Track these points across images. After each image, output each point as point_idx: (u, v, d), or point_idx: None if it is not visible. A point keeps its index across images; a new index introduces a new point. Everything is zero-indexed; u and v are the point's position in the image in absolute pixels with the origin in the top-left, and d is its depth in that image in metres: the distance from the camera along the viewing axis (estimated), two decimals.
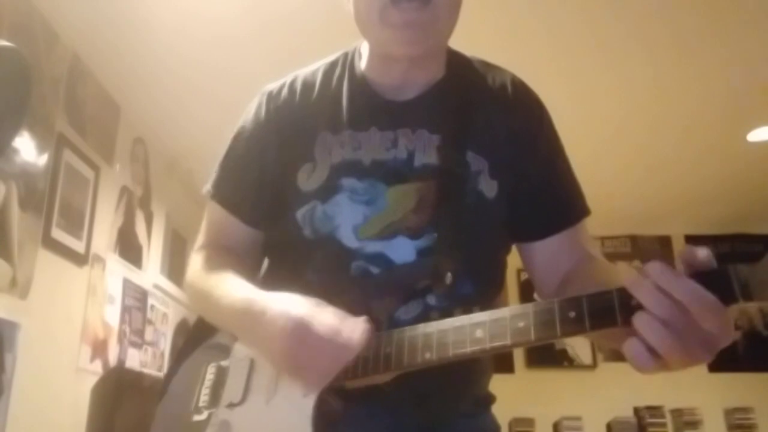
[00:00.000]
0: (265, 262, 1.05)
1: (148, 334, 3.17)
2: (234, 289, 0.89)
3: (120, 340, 2.83)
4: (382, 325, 0.80)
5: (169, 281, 3.57)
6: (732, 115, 3.20)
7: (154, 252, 3.32)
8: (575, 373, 4.48)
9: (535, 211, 0.92)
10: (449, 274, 0.83)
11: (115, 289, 2.82)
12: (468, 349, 0.71)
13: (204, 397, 0.91)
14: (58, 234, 2.32)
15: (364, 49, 0.98)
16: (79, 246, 2.48)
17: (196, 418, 0.89)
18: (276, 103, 1.00)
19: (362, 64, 0.98)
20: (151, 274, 3.25)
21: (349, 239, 0.88)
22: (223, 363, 0.92)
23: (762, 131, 3.38)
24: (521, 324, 0.68)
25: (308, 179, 0.92)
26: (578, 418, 4.14)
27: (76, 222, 2.47)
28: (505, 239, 0.96)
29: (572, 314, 0.66)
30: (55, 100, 2.37)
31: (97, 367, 2.58)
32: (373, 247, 0.87)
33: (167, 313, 3.48)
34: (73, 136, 2.47)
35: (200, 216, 1.13)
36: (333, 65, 1.01)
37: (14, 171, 2.07)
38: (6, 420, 1.95)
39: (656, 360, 0.61)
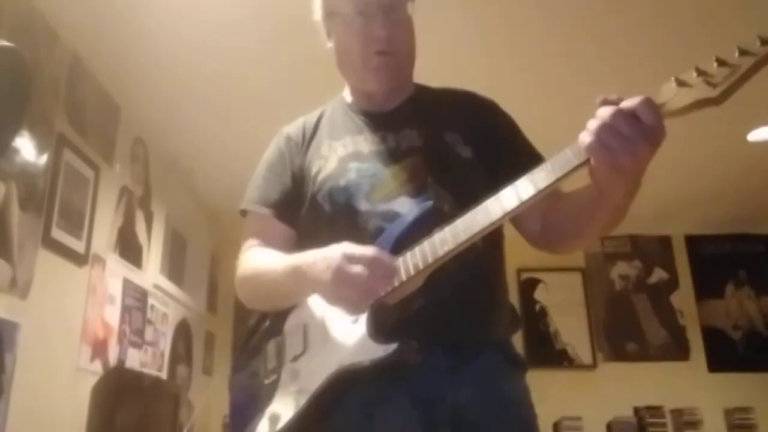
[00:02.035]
0: None
1: (148, 334, 3.17)
2: (284, 257, 1.09)
3: (120, 340, 2.82)
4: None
5: (169, 281, 3.57)
6: (732, 115, 3.20)
7: (154, 252, 3.32)
8: (575, 373, 4.48)
9: (505, 169, 1.04)
10: (446, 206, 1.04)
11: (115, 289, 2.82)
12: (475, 228, 0.92)
13: (270, 364, 1.09)
14: (58, 234, 2.32)
15: (346, 93, 1.30)
16: (79, 246, 2.48)
17: (267, 381, 1.08)
18: (290, 134, 1.27)
19: (349, 99, 1.29)
20: (151, 274, 3.25)
21: (361, 203, 1.09)
22: (279, 338, 1.11)
23: (762, 131, 3.38)
24: (511, 198, 0.91)
25: (322, 170, 1.16)
26: (578, 418, 4.14)
27: (76, 222, 2.47)
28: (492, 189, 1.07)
29: (543, 174, 0.88)
30: (55, 100, 2.37)
31: (97, 367, 2.58)
32: (382, 206, 1.08)
33: (167, 313, 3.48)
34: (73, 136, 2.47)
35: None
36: (328, 106, 1.30)
37: (14, 171, 2.07)
38: (6, 420, 1.94)
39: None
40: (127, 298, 2.92)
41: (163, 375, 3.37)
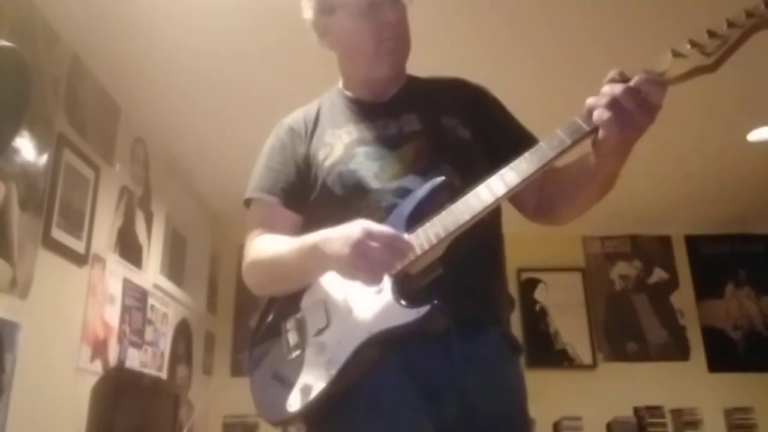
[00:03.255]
0: None
1: (148, 334, 3.17)
2: (296, 238, 1.11)
3: (120, 340, 2.83)
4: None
5: (169, 281, 3.57)
6: (732, 115, 3.20)
7: (154, 252, 3.31)
8: (575, 373, 4.49)
9: (502, 149, 1.11)
10: (456, 181, 1.08)
11: (115, 289, 2.82)
12: (490, 198, 0.98)
13: (292, 340, 1.10)
14: (58, 234, 2.32)
15: (342, 86, 1.34)
16: (79, 246, 2.48)
17: (291, 356, 1.08)
18: (291, 125, 1.30)
19: (346, 91, 1.32)
20: (151, 274, 3.25)
21: (372, 183, 1.13)
22: (297, 315, 1.12)
23: (762, 131, 3.38)
24: (524, 165, 0.98)
25: (329, 157, 1.19)
26: (578, 418, 4.14)
27: (76, 222, 2.47)
28: (491, 167, 1.10)
29: (555, 142, 0.97)
30: (55, 100, 2.37)
31: (97, 367, 2.58)
32: (393, 184, 1.12)
33: (167, 313, 3.48)
34: (73, 136, 2.47)
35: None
36: (324, 99, 1.33)
37: (14, 171, 2.07)
38: (6, 420, 1.94)
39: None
40: (127, 298, 2.92)
41: (163, 375, 3.37)
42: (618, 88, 0.92)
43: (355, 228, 0.99)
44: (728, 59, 0.88)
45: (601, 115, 0.93)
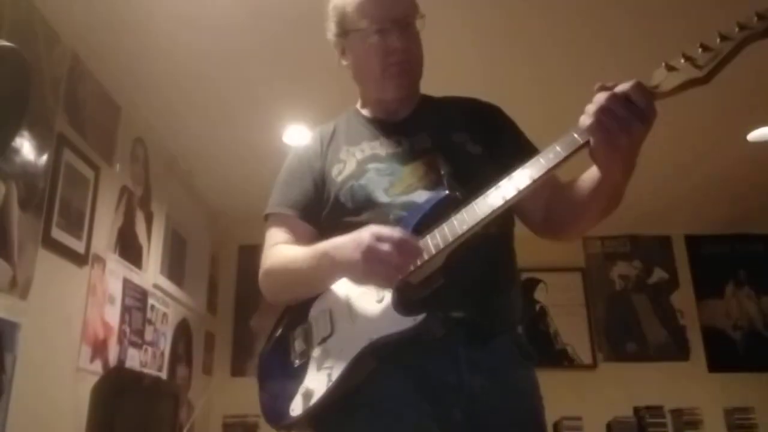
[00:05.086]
0: None
1: (148, 334, 3.17)
2: (310, 247, 1.15)
3: (120, 340, 2.83)
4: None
5: (169, 281, 3.57)
6: (732, 115, 3.20)
7: (154, 252, 3.32)
8: (575, 373, 4.48)
9: (511, 163, 1.11)
10: (460, 194, 1.08)
11: (115, 289, 2.82)
12: (489, 209, 0.99)
13: (299, 348, 1.14)
14: (58, 234, 2.32)
15: (359, 105, 1.39)
16: (79, 246, 2.48)
17: (297, 363, 1.13)
18: (308, 143, 1.35)
19: (363, 110, 1.37)
20: (151, 274, 3.25)
21: (382, 197, 1.17)
22: (305, 324, 1.16)
23: (762, 131, 3.38)
24: (521, 177, 0.99)
25: (342, 172, 1.24)
26: (578, 418, 4.14)
27: (76, 222, 2.47)
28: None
29: (551, 155, 0.98)
30: (55, 100, 2.37)
31: (97, 367, 2.58)
32: (401, 199, 1.16)
33: (167, 313, 3.48)
34: (73, 136, 2.47)
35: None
36: (341, 118, 1.39)
37: (14, 171, 2.07)
38: (6, 420, 1.95)
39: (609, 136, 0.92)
40: (127, 298, 2.92)
41: (163, 375, 3.37)
42: (603, 95, 0.93)
43: (365, 233, 1.02)
44: (721, 71, 0.89)
45: (584, 121, 0.94)
